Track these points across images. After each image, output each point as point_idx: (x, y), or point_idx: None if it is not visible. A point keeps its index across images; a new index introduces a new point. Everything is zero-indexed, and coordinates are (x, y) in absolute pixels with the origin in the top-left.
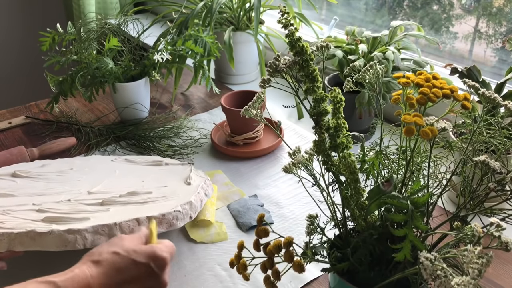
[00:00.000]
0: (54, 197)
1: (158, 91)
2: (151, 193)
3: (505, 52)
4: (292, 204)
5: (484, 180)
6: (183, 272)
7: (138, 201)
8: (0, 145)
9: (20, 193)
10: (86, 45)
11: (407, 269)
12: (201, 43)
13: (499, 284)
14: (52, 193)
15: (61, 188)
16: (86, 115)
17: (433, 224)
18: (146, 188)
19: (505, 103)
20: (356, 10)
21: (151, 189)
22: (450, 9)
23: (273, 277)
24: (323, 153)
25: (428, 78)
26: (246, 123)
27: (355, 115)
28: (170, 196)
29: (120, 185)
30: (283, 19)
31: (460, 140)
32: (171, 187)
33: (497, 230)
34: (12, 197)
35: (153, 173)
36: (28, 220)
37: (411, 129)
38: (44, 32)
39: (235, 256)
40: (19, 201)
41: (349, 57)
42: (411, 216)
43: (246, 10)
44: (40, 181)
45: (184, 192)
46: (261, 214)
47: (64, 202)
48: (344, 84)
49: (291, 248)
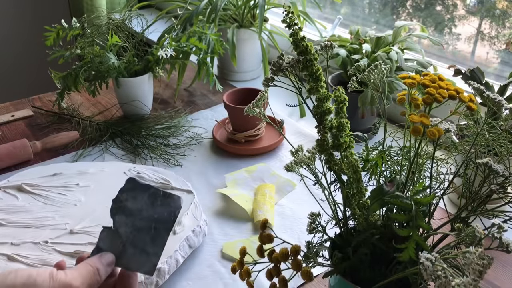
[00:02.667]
0: (36, 233)
1: (161, 86)
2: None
3: (507, 54)
4: (292, 202)
5: (486, 182)
6: (183, 268)
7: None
8: (3, 138)
9: (9, 222)
10: (91, 40)
11: (408, 268)
12: (206, 40)
13: (498, 286)
14: (38, 226)
15: (50, 219)
16: (90, 109)
17: (433, 225)
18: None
19: (509, 106)
20: (359, 9)
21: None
22: (454, 10)
23: (279, 285)
24: (326, 152)
25: (434, 79)
26: (248, 120)
27: (357, 114)
28: None
29: (107, 218)
30: (287, 18)
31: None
32: None
33: (498, 232)
34: (1, 227)
35: None
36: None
37: (419, 129)
38: (49, 27)
39: (237, 262)
40: (2, 237)
41: (352, 57)
42: (415, 216)
43: (251, 8)
44: (39, 200)
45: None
46: (264, 219)
47: (41, 245)
48: (349, 83)
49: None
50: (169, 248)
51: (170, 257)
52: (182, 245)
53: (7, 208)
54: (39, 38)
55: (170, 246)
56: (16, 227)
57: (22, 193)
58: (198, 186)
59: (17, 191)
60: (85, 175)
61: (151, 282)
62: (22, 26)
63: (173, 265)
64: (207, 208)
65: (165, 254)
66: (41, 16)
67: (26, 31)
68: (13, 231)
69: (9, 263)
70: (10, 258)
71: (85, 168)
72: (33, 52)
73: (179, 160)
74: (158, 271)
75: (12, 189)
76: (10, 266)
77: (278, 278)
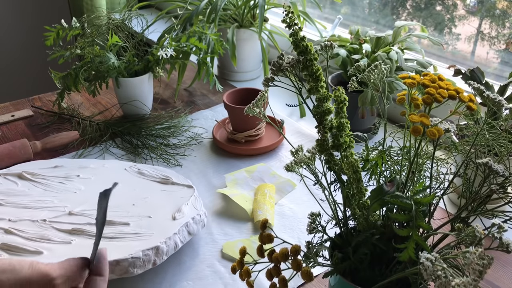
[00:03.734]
0: (35, 213)
1: (161, 86)
2: (128, 225)
3: (507, 54)
4: (292, 202)
5: (486, 182)
6: (183, 268)
7: (106, 235)
8: (3, 138)
9: (8, 202)
10: (91, 40)
11: (408, 268)
12: (206, 40)
13: (498, 286)
14: (36, 207)
15: (49, 202)
16: (90, 109)
17: (433, 225)
18: (129, 215)
19: (509, 106)
20: (359, 9)
21: (132, 218)
22: (454, 10)
23: (280, 285)
24: (326, 152)
25: (434, 79)
26: (248, 120)
27: (357, 114)
28: (145, 233)
29: (108, 204)
30: (287, 18)
31: (463, 142)
32: (155, 219)
33: (498, 232)
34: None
35: (151, 194)
36: None
37: (419, 129)
38: (49, 27)
39: (237, 262)
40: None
41: (352, 57)
42: (415, 216)
43: (251, 8)
44: (39, 187)
45: (164, 229)
46: (264, 219)
47: (39, 223)
48: (349, 84)
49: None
50: (169, 231)
51: (169, 239)
52: (182, 229)
53: (6, 191)
54: (39, 38)
55: (169, 229)
56: (14, 207)
57: (22, 180)
58: (198, 186)
59: (17, 178)
60: (85, 169)
61: (148, 260)
62: (22, 26)
63: (171, 246)
64: (207, 208)
65: (165, 235)
66: (41, 16)
67: (26, 31)
68: (11, 210)
69: (6, 236)
70: (7, 232)
71: (86, 163)
72: (33, 52)
73: (179, 160)
74: (157, 249)
75: (12, 176)
76: (6, 238)
77: (278, 278)
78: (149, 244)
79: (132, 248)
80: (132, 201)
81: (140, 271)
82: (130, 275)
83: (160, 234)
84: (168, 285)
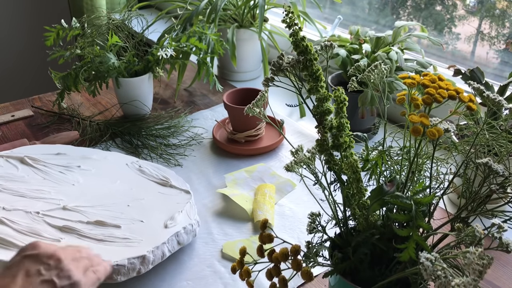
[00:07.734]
0: (30, 203)
1: (161, 86)
2: (119, 228)
3: (507, 54)
4: (292, 202)
5: (486, 182)
6: (183, 268)
7: (96, 236)
8: (3, 138)
9: (5, 188)
10: (91, 40)
11: (408, 268)
12: (206, 40)
13: (498, 286)
14: (32, 197)
15: (46, 193)
16: (90, 109)
17: (433, 225)
18: (122, 217)
19: (509, 106)
20: (359, 9)
21: (124, 221)
22: (454, 10)
23: (279, 285)
24: (326, 152)
25: (434, 79)
26: (248, 120)
27: (357, 114)
28: (134, 239)
29: (103, 201)
30: (287, 18)
31: (463, 142)
32: (147, 224)
33: (498, 232)
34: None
35: (148, 195)
36: None
37: (418, 129)
38: (49, 27)
39: (237, 262)
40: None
41: (352, 57)
42: (415, 216)
43: (251, 8)
44: (38, 174)
45: (153, 237)
46: (264, 219)
47: (32, 215)
48: (349, 83)
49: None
50: (158, 239)
51: (157, 248)
52: (171, 239)
53: (5, 175)
54: (39, 38)
55: (159, 238)
56: (10, 194)
57: (23, 165)
58: (198, 186)
59: (18, 162)
60: (88, 159)
61: (133, 268)
62: (22, 26)
63: (158, 256)
64: (207, 208)
65: (153, 244)
66: (41, 16)
67: (26, 31)
68: (7, 197)
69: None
70: (0, 221)
71: (89, 153)
72: (33, 52)
73: (179, 160)
74: (143, 259)
75: (14, 159)
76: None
77: (278, 278)
78: (136, 253)
79: (119, 254)
80: (127, 201)
81: (123, 279)
82: (113, 282)
83: (149, 242)
84: (167, 285)
